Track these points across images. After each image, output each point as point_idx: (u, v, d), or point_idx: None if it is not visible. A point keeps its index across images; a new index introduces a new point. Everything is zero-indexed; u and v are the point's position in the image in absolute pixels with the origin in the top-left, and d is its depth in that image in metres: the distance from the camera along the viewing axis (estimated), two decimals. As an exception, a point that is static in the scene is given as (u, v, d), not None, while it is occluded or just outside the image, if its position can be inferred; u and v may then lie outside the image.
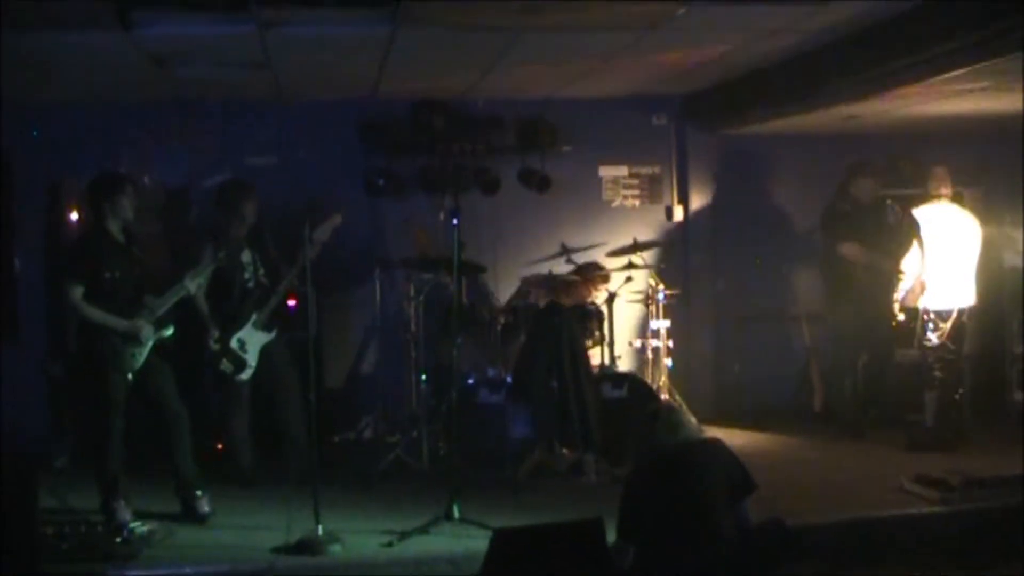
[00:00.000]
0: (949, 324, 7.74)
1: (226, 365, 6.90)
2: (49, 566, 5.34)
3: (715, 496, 4.60)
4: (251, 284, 7.07)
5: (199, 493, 6.33)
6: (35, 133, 8.12)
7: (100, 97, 8.11)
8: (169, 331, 6.30)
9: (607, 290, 8.03)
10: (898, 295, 7.93)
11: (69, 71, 7.05)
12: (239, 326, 6.95)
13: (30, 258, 8.15)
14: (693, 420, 4.96)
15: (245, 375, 6.98)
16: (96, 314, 6.11)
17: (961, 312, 7.80)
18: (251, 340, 6.99)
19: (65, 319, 7.04)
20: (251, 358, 6.98)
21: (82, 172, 6.67)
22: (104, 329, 6.10)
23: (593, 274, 8.23)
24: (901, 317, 7.94)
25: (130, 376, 6.15)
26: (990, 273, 8.46)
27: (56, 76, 7.15)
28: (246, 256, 7.08)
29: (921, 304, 7.83)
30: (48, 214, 8.19)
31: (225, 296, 6.96)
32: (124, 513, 6.09)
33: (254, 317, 6.99)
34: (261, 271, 7.13)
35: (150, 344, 6.20)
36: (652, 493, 4.65)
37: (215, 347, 6.86)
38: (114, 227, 6.27)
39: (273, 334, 7.09)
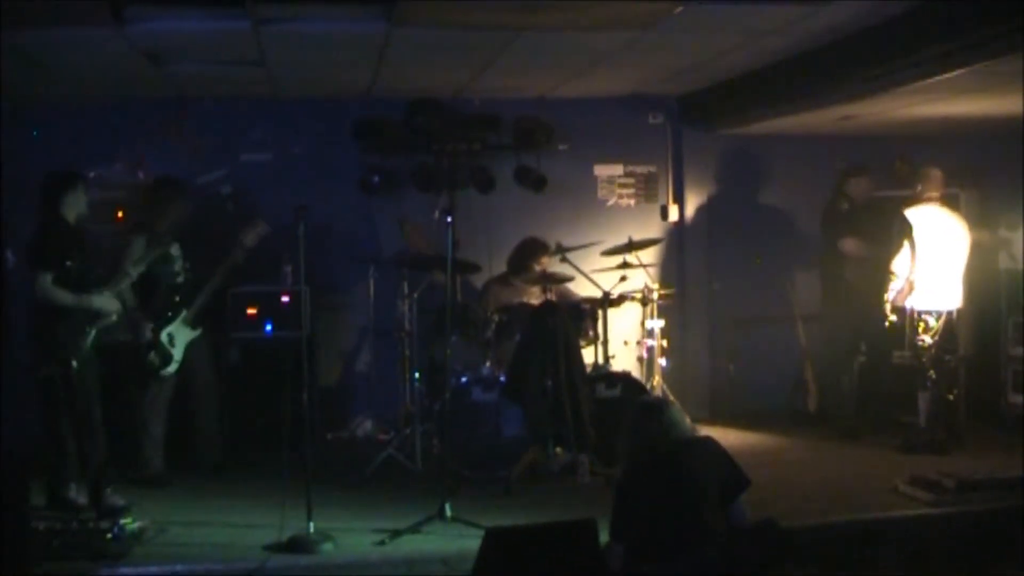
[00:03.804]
0: (939, 325, 7.73)
1: (153, 358, 6.93)
2: (40, 563, 5.30)
3: (705, 495, 4.57)
4: (180, 279, 7.13)
5: (109, 491, 6.28)
6: (35, 133, 8.09)
7: (94, 94, 8.08)
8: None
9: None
10: (889, 295, 7.92)
11: (63, 68, 7.03)
12: (170, 320, 7.03)
13: (21, 256, 8.08)
14: (685, 419, 4.93)
15: (170, 369, 7.03)
16: (67, 297, 6.16)
17: (950, 314, 7.79)
18: (179, 335, 7.08)
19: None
20: (177, 353, 7.05)
21: (76, 169, 6.66)
22: (67, 316, 6.14)
23: (536, 249, 8.15)
24: (893, 318, 7.93)
25: (75, 364, 6.15)
26: (985, 275, 8.45)
27: (50, 73, 7.12)
28: (175, 250, 7.11)
29: (908, 304, 7.83)
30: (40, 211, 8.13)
31: (151, 289, 6.98)
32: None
33: (184, 313, 7.07)
34: (187, 265, 7.19)
35: (94, 334, 6.26)
36: (642, 492, 4.62)
37: (148, 336, 6.90)
38: (71, 219, 6.36)
39: (199, 332, 7.18)
